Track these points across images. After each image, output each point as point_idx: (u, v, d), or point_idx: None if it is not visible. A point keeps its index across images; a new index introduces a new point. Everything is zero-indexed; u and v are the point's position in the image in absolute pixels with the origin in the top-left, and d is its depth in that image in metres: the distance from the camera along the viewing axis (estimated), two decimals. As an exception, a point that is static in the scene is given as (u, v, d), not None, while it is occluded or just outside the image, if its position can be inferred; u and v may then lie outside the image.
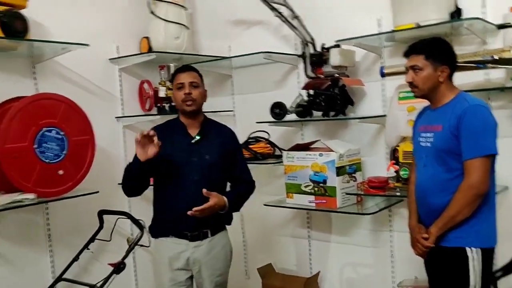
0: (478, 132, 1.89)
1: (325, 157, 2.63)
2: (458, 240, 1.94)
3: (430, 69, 1.96)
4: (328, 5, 2.90)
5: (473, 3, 2.45)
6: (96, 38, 2.91)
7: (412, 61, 2.00)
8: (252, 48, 2.96)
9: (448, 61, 1.98)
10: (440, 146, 1.96)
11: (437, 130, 1.98)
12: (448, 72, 1.98)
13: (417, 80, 1.99)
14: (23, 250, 2.65)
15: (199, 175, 2.22)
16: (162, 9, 3.06)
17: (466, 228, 1.92)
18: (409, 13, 2.45)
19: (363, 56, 2.82)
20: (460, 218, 1.90)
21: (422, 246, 2.01)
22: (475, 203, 1.89)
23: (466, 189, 1.88)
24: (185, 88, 2.23)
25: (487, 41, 2.44)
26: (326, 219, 3.06)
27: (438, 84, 1.98)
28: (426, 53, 1.97)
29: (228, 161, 2.32)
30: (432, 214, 1.99)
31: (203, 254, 2.26)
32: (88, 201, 2.72)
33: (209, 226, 2.26)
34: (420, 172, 2.07)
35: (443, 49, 2.00)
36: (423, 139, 2.04)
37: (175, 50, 3.10)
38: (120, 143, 3.13)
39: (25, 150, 2.35)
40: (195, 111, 2.28)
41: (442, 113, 1.98)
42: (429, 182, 2.00)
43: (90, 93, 2.97)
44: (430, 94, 2.02)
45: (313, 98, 2.81)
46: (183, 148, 2.25)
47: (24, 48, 2.58)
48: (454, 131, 1.90)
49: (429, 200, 2.00)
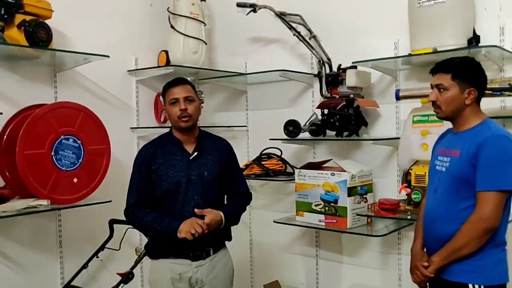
0: (496, 163, 1.77)
1: (337, 177, 2.63)
2: (461, 274, 1.83)
3: (456, 90, 1.86)
4: (346, 26, 2.94)
5: (491, 30, 2.46)
6: (116, 49, 2.97)
7: (437, 80, 1.90)
8: (268, 65, 3.00)
9: (476, 84, 1.87)
10: (454, 172, 1.86)
11: (454, 155, 1.88)
12: (476, 95, 1.86)
13: (441, 101, 1.89)
14: (34, 255, 2.68)
15: (198, 193, 2.14)
16: (181, 24, 3.12)
17: (472, 262, 1.81)
18: (426, 37, 2.46)
19: (379, 78, 2.84)
20: (466, 251, 1.80)
21: (421, 274, 1.91)
22: (483, 237, 1.78)
23: (475, 222, 1.78)
24: (180, 103, 2.14)
25: (504, 69, 2.45)
26: (335, 239, 3.05)
27: (463, 107, 1.87)
28: (453, 72, 1.86)
29: (226, 174, 2.25)
30: (437, 242, 1.89)
31: (205, 273, 2.18)
32: (100, 210, 2.74)
33: (211, 244, 2.19)
34: (430, 197, 1.99)
35: (472, 70, 1.88)
36: (439, 163, 1.95)
37: (193, 65, 3.14)
38: (134, 153, 3.12)
39: (43, 157, 2.39)
40: (191, 127, 2.18)
41: (463, 139, 1.87)
42: (438, 209, 1.91)
43: (107, 103, 3.02)
44: (454, 117, 1.91)
45: (327, 118, 2.83)
46: (181, 166, 2.15)
47: (47, 57, 2.64)
48: (472, 159, 1.80)
49: (436, 227, 1.91)
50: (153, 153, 2.18)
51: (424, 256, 1.95)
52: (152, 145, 2.25)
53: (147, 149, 2.23)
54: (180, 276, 2.16)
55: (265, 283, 3.16)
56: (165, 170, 2.14)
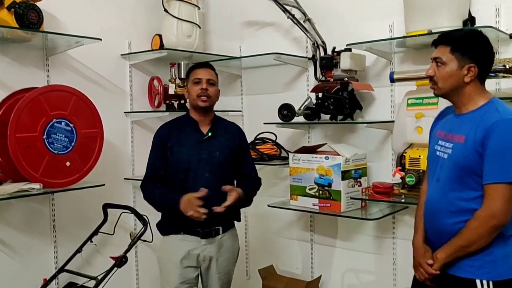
0: (506, 152, 1.60)
1: (331, 161, 2.62)
2: (469, 270, 1.70)
3: (454, 65, 1.69)
4: (341, 8, 2.91)
5: (487, 12, 2.44)
6: (109, 33, 2.94)
7: (437, 53, 1.74)
8: (262, 49, 2.97)
9: (479, 60, 1.69)
10: (458, 161, 1.70)
11: (458, 141, 1.71)
12: (476, 72, 1.69)
13: (438, 76, 1.73)
14: (28, 239, 2.68)
15: (209, 172, 2.25)
16: (175, 7, 3.09)
17: (481, 257, 1.68)
18: (421, 19, 2.43)
19: (374, 61, 2.82)
20: (473, 249, 1.67)
21: (426, 272, 1.79)
22: (492, 234, 1.65)
23: (484, 218, 1.64)
24: (202, 83, 2.26)
25: (499, 50, 2.43)
26: (329, 223, 3.05)
27: (462, 84, 1.70)
28: (453, 44, 1.69)
29: (237, 158, 2.36)
30: (441, 236, 1.76)
31: (213, 251, 2.28)
32: (93, 194, 2.75)
33: (221, 223, 2.28)
34: (431, 186, 1.84)
35: (475, 44, 1.70)
36: (440, 148, 1.79)
37: (187, 48, 3.11)
38: (128, 138, 3.16)
39: (34, 140, 2.38)
40: (208, 108, 2.30)
41: (467, 122, 1.70)
42: (442, 201, 1.76)
43: (101, 87, 3.00)
44: (452, 95, 1.75)
45: (321, 101, 2.81)
46: (194, 144, 2.27)
47: (38, 40, 2.61)
48: (479, 147, 1.63)
49: (440, 220, 1.77)
50: (169, 132, 2.30)
51: (428, 251, 1.82)
52: (169, 124, 2.38)
53: (164, 128, 2.35)
54: (189, 252, 2.26)
55: (259, 268, 3.17)
56: (178, 148, 2.26)
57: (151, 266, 3.23)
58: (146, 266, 3.21)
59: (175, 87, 3.08)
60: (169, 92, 3.11)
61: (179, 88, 3.08)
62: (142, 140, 3.17)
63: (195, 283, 2.32)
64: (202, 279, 2.36)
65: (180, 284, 2.27)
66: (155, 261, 3.22)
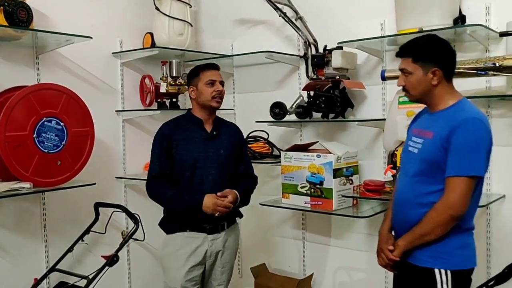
0: (468, 148, 1.71)
1: (323, 159, 2.63)
2: (427, 260, 1.80)
3: (420, 72, 1.80)
4: (332, 7, 2.91)
5: (477, 10, 2.45)
6: (100, 31, 2.93)
7: (402, 64, 1.86)
8: (254, 47, 2.97)
9: (440, 62, 1.79)
10: (426, 155, 1.81)
11: (427, 137, 1.82)
12: (442, 74, 1.79)
13: (408, 85, 1.84)
14: (19, 239, 2.66)
15: (215, 169, 2.30)
16: (166, 6, 3.07)
17: (437, 247, 1.78)
18: (412, 17, 2.44)
19: (365, 59, 2.82)
20: (431, 238, 1.77)
21: (386, 257, 1.89)
22: (449, 224, 1.74)
23: (442, 209, 1.74)
24: (217, 85, 2.32)
25: (489, 49, 2.44)
26: (321, 221, 3.06)
27: (431, 87, 1.81)
28: (413, 55, 1.81)
29: (237, 157, 2.43)
30: (405, 226, 1.86)
31: (219, 246, 2.35)
32: (85, 193, 2.74)
33: (226, 219, 2.34)
34: (401, 180, 1.94)
35: (433, 49, 1.81)
36: (413, 144, 1.90)
37: (178, 47, 3.10)
38: (119, 136, 3.14)
39: (25, 139, 2.36)
40: (217, 109, 2.37)
41: (437, 120, 1.82)
42: (408, 192, 1.87)
43: (92, 86, 2.98)
44: (425, 99, 1.86)
45: (313, 100, 2.81)
46: (200, 142, 2.31)
47: (28, 38, 2.59)
48: (444, 142, 1.74)
49: (405, 211, 1.88)
50: (173, 130, 2.33)
51: (391, 239, 1.93)
52: (172, 122, 2.40)
53: (167, 126, 2.38)
54: (196, 249, 2.30)
55: (252, 266, 3.17)
56: (185, 146, 2.29)
57: (143, 265, 3.23)
58: (138, 265, 3.21)
59: (166, 85, 3.07)
60: (161, 91, 3.09)
61: (170, 86, 3.06)
62: (133, 139, 3.17)
63: (199, 281, 2.36)
64: (205, 274, 2.39)
65: (186, 282, 2.30)
66: (147, 260, 3.24)
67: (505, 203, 2.45)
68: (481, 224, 2.48)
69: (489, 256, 2.48)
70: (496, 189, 2.46)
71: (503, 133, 2.43)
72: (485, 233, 2.49)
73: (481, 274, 2.43)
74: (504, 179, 2.44)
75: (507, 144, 2.42)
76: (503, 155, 2.43)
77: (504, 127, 2.43)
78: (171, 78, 3.08)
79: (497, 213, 2.47)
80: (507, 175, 2.44)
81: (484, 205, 2.34)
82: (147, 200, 2.40)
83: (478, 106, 2.41)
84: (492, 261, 2.47)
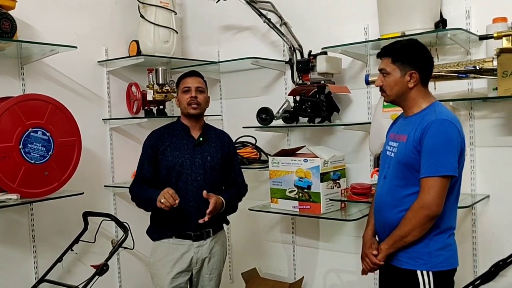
0: (438, 149, 1.75)
1: (310, 163, 2.65)
2: (409, 262, 1.83)
3: (397, 73, 1.85)
4: (316, 12, 2.94)
5: (458, 14, 2.49)
6: (85, 40, 2.94)
7: (381, 64, 1.91)
8: (240, 53, 2.99)
9: (418, 66, 1.84)
10: (401, 158, 1.85)
11: (402, 140, 1.86)
12: (418, 77, 1.84)
13: (385, 85, 1.89)
14: (7, 250, 2.64)
15: (201, 174, 2.30)
16: (151, 13, 3.08)
17: (418, 249, 1.81)
18: (395, 22, 2.48)
19: (350, 64, 2.85)
20: (411, 239, 1.79)
21: (371, 262, 1.91)
22: (426, 224, 1.77)
23: (417, 209, 1.77)
24: (191, 92, 2.32)
25: (470, 52, 2.48)
26: (310, 225, 3.08)
27: (407, 90, 1.86)
28: (393, 56, 1.86)
29: (226, 164, 2.42)
30: (386, 230, 1.89)
31: (205, 253, 2.35)
32: (73, 203, 2.73)
33: (211, 226, 2.34)
34: (380, 184, 1.98)
35: (412, 53, 1.86)
36: (390, 148, 1.94)
37: (164, 54, 3.11)
38: (107, 145, 3.14)
39: (11, 150, 2.35)
40: (199, 115, 2.36)
41: (411, 123, 1.86)
42: (386, 196, 1.90)
43: (78, 95, 2.97)
44: (400, 100, 1.91)
45: (299, 105, 2.83)
46: (187, 149, 2.32)
47: (12, 49, 2.58)
48: (417, 145, 1.78)
49: (384, 214, 1.91)
50: (160, 137, 2.35)
51: (374, 243, 1.95)
52: (160, 130, 2.42)
53: (155, 133, 2.40)
54: (182, 256, 2.30)
55: (242, 271, 3.18)
56: (171, 152, 2.31)
57: (133, 273, 3.22)
58: (129, 273, 3.20)
59: (153, 93, 3.08)
60: (148, 98, 3.10)
61: (157, 94, 3.07)
62: (121, 147, 3.17)
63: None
64: (192, 282, 2.39)
65: None
66: (137, 268, 3.24)
67: (490, 203, 2.49)
68: (467, 224, 2.52)
69: (475, 255, 2.52)
70: (480, 190, 2.50)
71: (486, 134, 2.48)
72: (470, 233, 2.53)
73: (468, 273, 2.47)
74: (488, 179, 2.48)
75: (490, 145, 2.46)
76: (486, 155, 2.47)
77: (487, 128, 2.47)
78: (158, 86, 3.08)
79: (482, 213, 2.51)
80: (491, 175, 2.48)
81: (469, 206, 2.39)
82: (136, 208, 2.39)
83: (461, 108, 2.49)
84: (478, 260, 2.51)
